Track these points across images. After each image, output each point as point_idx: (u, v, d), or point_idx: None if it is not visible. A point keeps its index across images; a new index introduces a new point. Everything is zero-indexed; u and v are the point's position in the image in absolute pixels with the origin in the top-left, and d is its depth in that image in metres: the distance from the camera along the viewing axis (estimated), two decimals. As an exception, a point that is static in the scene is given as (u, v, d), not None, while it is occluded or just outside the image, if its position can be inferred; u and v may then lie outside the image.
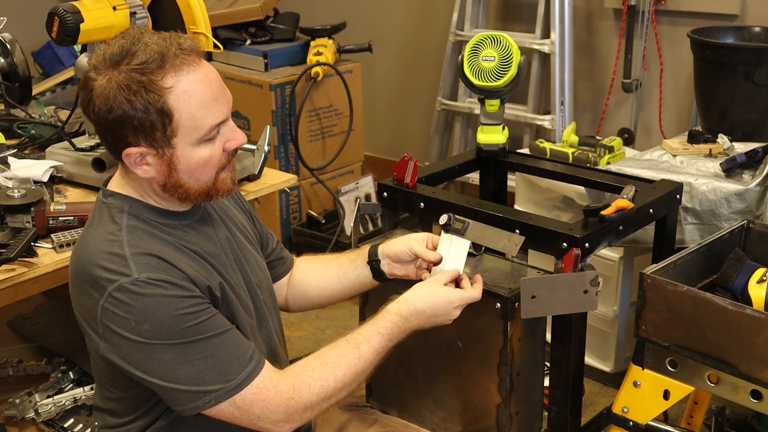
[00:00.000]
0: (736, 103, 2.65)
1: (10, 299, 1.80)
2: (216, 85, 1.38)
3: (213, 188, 1.43)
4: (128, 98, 1.32)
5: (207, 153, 1.39)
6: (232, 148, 1.42)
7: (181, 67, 1.33)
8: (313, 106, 3.46)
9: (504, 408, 1.95)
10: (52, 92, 3.58)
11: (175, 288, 1.35)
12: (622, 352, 2.75)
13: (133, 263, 1.34)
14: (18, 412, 2.35)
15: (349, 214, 3.49)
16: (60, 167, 2.21)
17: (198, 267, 1.42)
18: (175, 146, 1.36)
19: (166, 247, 1.41)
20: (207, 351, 1.37)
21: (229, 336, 1.40)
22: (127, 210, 1.42)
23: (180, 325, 1.35)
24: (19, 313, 2.92)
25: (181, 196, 1.42)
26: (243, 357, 1.40)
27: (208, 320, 1.38)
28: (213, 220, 1.55)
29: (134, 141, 1.35)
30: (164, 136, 1.35)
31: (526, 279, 1.84)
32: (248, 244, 1.62)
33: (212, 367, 1.37)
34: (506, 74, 2.34)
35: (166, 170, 1.38)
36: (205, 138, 1.37)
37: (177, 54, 1.33)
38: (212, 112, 1.37)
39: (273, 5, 3.67)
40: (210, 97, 1.36)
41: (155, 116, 1.33)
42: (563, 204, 2.88)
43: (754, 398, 1.64)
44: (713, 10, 3.14)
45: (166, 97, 1.32)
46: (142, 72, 1.32)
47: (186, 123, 1.34)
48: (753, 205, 2.32)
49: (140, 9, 2.13)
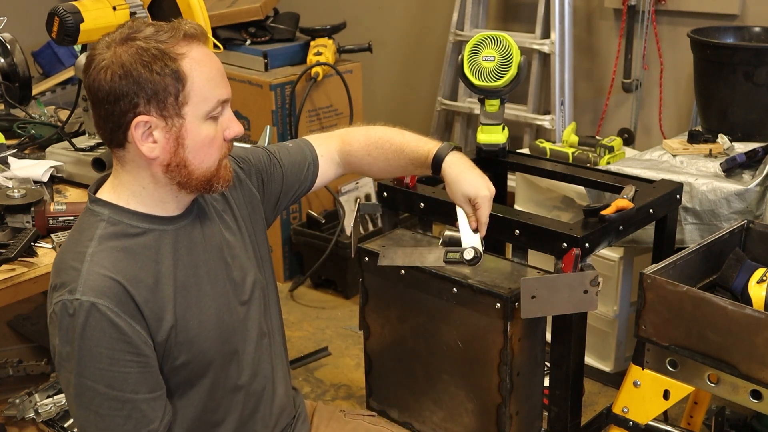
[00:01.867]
0: (736, 103, 2.65)
1: (10, 299, 1.80)
2: (220, 64, 1.41)
3: (215, 175, 1.41)
4: (144, 62, 1.31)
5: (212, 131, 1.38)
6: (230, 136, 1.41)
7: (191, 40, 1.36)
8: (313, 106, 3.46)
9: (504, 408, 1.95)
10: (52, 92, 3.58)
11: (112, 328, 1.31)
12: (622, 352, 2.75)
13: (83, 282, 1.31)
14: (18, 412, 2.35)
15: (349, 214, 3.49)
16: (60, 167, 2.21)
17: (156, 295, 1.38)
18: (185, 117, 1.35)
19: (133, 265, 1.36)
20: (106, 406, 1.33)
21: (136, 403, 1.35)
22: (107, 218, 1.39)
23: (95, 365, 1.31)
24: (19, 313, 2.92)
25: (183, 180, 1.38)
26: (138, 427, 1.36)
27: (126, 376, 1.33)
28: (205, 220, 1.50)
29: (145, 109, 1.33)
30: (176, 103, 1.33)
31: (526, 279, 1.84)
32: (245, 244, 1.58)
33: (101, 424, 1.34)
34: (506, 74, 2.34)
35: (173, 146, 1.35)
36: (211, 113, 1.37)
37: (186, 30, 1.36)
38: (219, 87, 1.38)
39: (273, 5, 3.67)
40: (217, 72, 1.38)
41: (170, 79, 1.32)
42: (563, 204, 2.88)
43: (754, 398, 1.65)
44: (713, 10, 3.14)
45: (180, 62, 1.33)
46: (156, 41, 1.33)
47: (197, 91, 1.34)
48: (753, 205, 2.32)
49: (140, 9, 2.13)
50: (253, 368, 1.56)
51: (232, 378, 1.52)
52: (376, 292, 2.13)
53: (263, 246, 1.66)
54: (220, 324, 1.48)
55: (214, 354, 1.46)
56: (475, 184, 1.65)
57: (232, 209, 1.58)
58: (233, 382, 1.52)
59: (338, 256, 3.40)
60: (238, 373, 1.53)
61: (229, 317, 1.50)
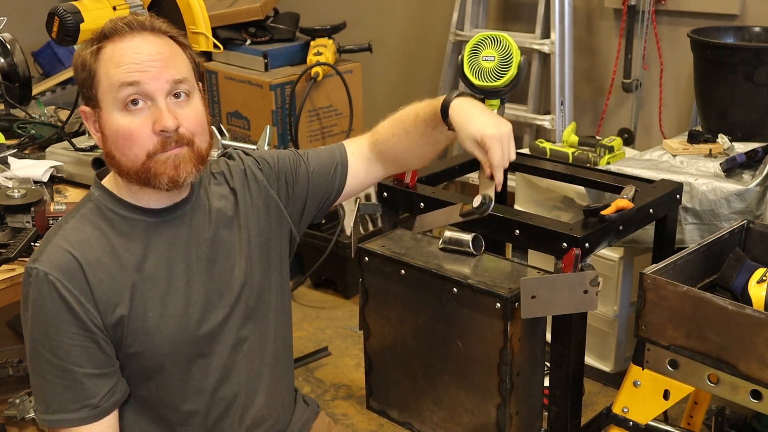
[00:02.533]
0: (736, 103, 2.65)
1: (10, 299, 1.80)
2: (146, 55, 1.38)
3: (146, 170, 1.38)
4: (78, 55, 1.42)
5: (127, 123, 1.37)
6: (156, 130, 1.37)
7: (119, 35, 1.39)
8: (313, 106, 3.46)
9: (504, 408, 1.95)
10: (52, 92, 3.58)
11: (60, 300, 1.36)
12: (622, 352, 2.75)
13: (47, 254, 1.38)
14: (18, 412, 2.35)
15: (349, 214, 3.49)
16: (60, 167, 2.21)
17: (114, 280, 1.40)
18: (102, 107, 1.39)
19: (101, 249, 1.41)
20: (50, 372, 1.39)
21: (77, 375, 1.38)
22: (95, 199, 1.46)
23: (43, 331, 1.38)
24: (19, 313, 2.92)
25: (119, 170, 1.41)
26: (75, 401, 1.39)
27: (69, 347, 1.38)
28: (197, 216, 1.50)
29: (84, 101, 1.43)
30: (92, 93, 1.40)
31: (526, 279, 1.84)
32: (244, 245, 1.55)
33: (46, 390, 1.39)
34: (506, 74, 2.34)
35: (101, 137, 1.42)
36: (121, 100, 1.36)
37: (120, 25, 1.40)
38: (129, 72, 1.37)
39: (273, 5, 3.67)
40: (128, 59, 1.37)
41: (85, 73, 1.40)
42: (563, 204, 2.88)
43: (754, 398, 1.64)
44: (713, 10, 3.14)
45: (94, 56, 1.39)
46: (92, 38, 1.41)
47: (102, 79, 1.38)
48: (753, 205, 2.32)
49: (140, 9, 2.13)
50: (222, 373, 1.52)
51: (195, 379, 1.49)
52: (376, 292, 2.13)
53: (276, 251, 1.61)
54: (185, 322, 1.46)
55: (170, 350, 1.45)
56: (481, 123, 1.48)
57: (238, 208, 1.56)
58: (196, 383, 1.49)
59: (338, 256, 3.40)
60: (203, 375, 1.50)
61: (197, 317, 1.47)
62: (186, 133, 1.40)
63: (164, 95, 1.38)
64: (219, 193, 1.56)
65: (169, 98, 1.39)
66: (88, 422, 1.40)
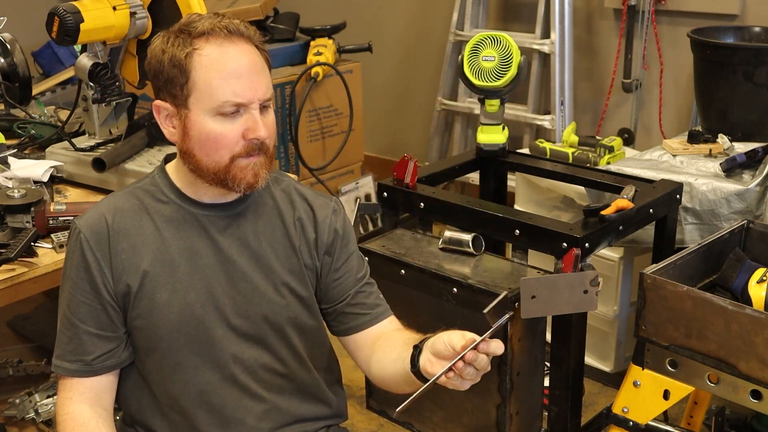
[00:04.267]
0: (736, 103, 2.65)
1: (10, 299, 1.80)
2: (243, 67, 1.40)
3: (226, 172, 1.42)
4: (163, 50, 1.41)
5: (219, 128, 1.40)
6: (248, 137, 1.41)
7: (216, 38, 1.40)
8: (313, 106, 3.46)
9: (504, 408, 1.95)
10: (52, 92, 3.58)
11: (82, 258, 1.44)
12: (622, 352, 2.75)
13: (90, 213, 1.47)
14: (18, 412, 2.35)
15: (349, 214, 3.49)
16: (60, 167, 2.21)
17: (133, 253, 1.45)
18: (191, 108, 1.40)
19: (133, 221, 1.46)
20: (62, 321, 1.48)
21: (79, 331, 1.46)
22: (150, 178, 1.52)
23: (66, 283, 1.47)
24: (19, 313, 2.92)
25: (193, 168, 1.44)
26: (73, 353, 1.46)
27: (79, 303, 1.45)
28: (248, 224, 1.50)
29: (162, 95, 1.44)
30: (182, 94, 1.40)
31: (526, 279, 1.84)
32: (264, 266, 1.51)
33: (59, 336, 1.48)
34: (506, 74, 2.34)
35: (181, 133, 1.43)
36: (218, 111, 1.39)
37: (218, 28, 1.41)
38: (228, 87, 1.38)
39: (273, 5, 3.67)
40: (230, 72, 1.39)
41: (176, 71, 1.39)
42: (563, 204, 2.88)
43: (754, 398, 1.65)
44: (713, 10, 3.14)
45: (190, 56, 1.39)
46: (182, 32, 1.41)
47: (201, 86, 1.39)
48: (753, 205, 2.32)
49: (140, 9, 2.13)
50: (200, 388, 1.48)
51: (185, 374, 1.48)
52: (376, 292, 2.13)
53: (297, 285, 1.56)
54: (188, 318, 1.46)
55: (165, 335, 1.46)
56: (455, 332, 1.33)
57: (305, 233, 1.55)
58: (185, 378, 1.48)
59: (338, 256, 3.40)
60: (192, 374, 1.48)
61: (201, 316, 1.46)
62: (268, 141, 1.44)
63: (258, 106, 1.42)
64: (291, 215, 1.55)
65: (259, 108, 1.43)
66: (77, 375, 1.47)
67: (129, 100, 2.29)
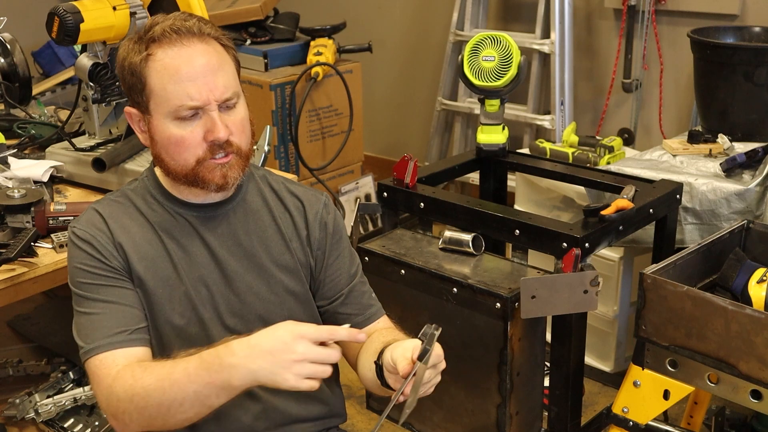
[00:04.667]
0: (736, 103, 2.65)
1: (10, 299, 1.80)
2: (197, 68, 1.39)
3: (194, 174, 1.42)
4: (124, 57, 1.43)
5: (179, 132, 1.40)
6: (208, 139, 1.40)
7: (168, 42, 1.40)
8: (313, 106, 3.46)
9: (504, 408, 1.95)
10: (52, 92, 3.58)
11: (87, 245, 1.44)
12: (622, 352, 2.75)
13: (83, 216, 1.48)
14: (18, 412, 2.35)
15: (349, 214, 3.49)
16: (60, 167, 2.21)
17: (134, 249, 1.45)
18: (152, 114, 1.42)
19: (130, 220, 1.47)
20: (88, 308, 1.44)
21: (108, 308, 1.43)
22: (142, 180, 1.53)
23: (75, 277, 1.45)
24: (19, 313, 2.92)
25: (166, 171, 1.45)
26: (107, 330, 1.41)
27: (100, 286, 1.43)
28: (232, 224, 1.50)
29: (130, 102, 1.47)
30: (142, 100, 1.42)
31: (526, 279, 1.84)
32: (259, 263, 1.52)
33: (86, 325, 1.44)
34: (506, 74, 2.34)
35: (150, 139, 1.45)
36: (176, 115, 1.39)
37: (170, 31, 1.40)
38: (182, 90, 1.38)
39: (273, 5, 3.67)
40: (183, 76, 1.38)
41: (134, 78, 1.41)
42: (563, 204, 2.88)
43: (754, 398, 1.65)
44: (713, 10, 3.14)
45: (144, 62, 1.40)
46: (140, 39, 1.42)
47: (157, 92, 1.40)
48: (753, 205, 2.32)
49: (140, 9, 2.13)
50: None
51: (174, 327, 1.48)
52: (376, 292, 2.12)
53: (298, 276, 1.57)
54: (189, 316, 1.47)
55: (166, 332, 1.46)
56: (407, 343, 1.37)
57: (297, 229, 1.55)
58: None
59: (338, 256, 3.40)
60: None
61: (201, 317, 1.47)
62: (234, 140, 1.43)
63: (216, 107, 1.41)
64: (282, 212, 1.55)
65: (221, 108, 1.42)
66: (123, 346, 1.40)
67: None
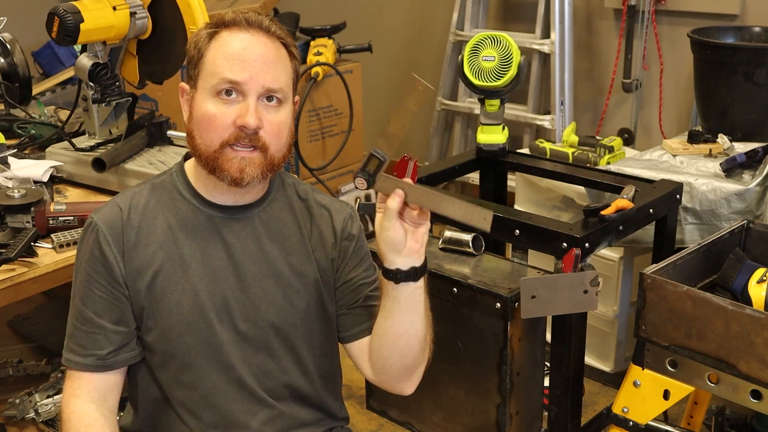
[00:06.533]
0: (736, 103, 2.65)
1: (10, 299, 1.80)
2: (254, 54, 1.41)
3: (214, 159, 1.41)
4: (196, 34, 1.46)
5: (213, 110, 1.40)
6: (238, 124, 1.39)
7: (239, 28, 1.42)
8: (313, 106, 3.46)
9: (504, 408, 1.95)
10: (52, 92, 3.58)
11: (99, 251, 1.44)
12: (622, 352, 2.75)
13: (104, 208, 1.48)
14: (18, 412, 2.35)
15: (349, 214, 3.49)
16: (60, 167, 2.21)
17: (144, 256, 1.45)
18: (197, 88, 1.43)
19: (149, 218, 1.47)
20: (74, 315, 1.47)
21: (91, 322, 1.45)
22: (170, 174, 1.53)
23: (79, 276, 1.47)
24: (19, 313, 2.92)
25: (193, 150, 1.45)
26: (82, 348, 1.46)
27: (95, 297, 1.45)
28: (241, 226, 1.49)
29: (186, 77, 1.48)
30: (194, 73, 1.44)
31: (526, 279, 1.84)
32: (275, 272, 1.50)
33: (70, 324, 1.48)
34: (506, 74, 2.34)
35: (189, 114, 1.46)
36: (216, 89, 1.40)
37: (241, 19, 1.43)
38: (228, 65, 1.40)
39: (273, 5, 3.67)
40: (235, 54, 1.40)
41: (196, 51, 1.44)
42: (563, 204, 2.88)
43: (754, 398, 1.64)
44: (713, 10, 3.14)
45: (209, 39, 1.43)
46: (215, 24, 1.45)
47: (207, 65, 1.42)
48: (753, 205, 2.32)
49: (140, 9, 2.13)
50: (206, 389, 1.48)
51: (195, 374, 1.48)
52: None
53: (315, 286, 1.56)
54: (197, 319, 1.46)
55: (174, 336, 1.46)
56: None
57: (322, 239, 1.54)
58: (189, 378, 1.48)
59: (338, 256, 3.39)
60: (199, 376, 1.48)
61: (211, 321, 1.46)
62: (264, 136, 1.41)
63: (256, 95, 1.40)
64: (308, 221, 1.54)
65: (261, 99, 1.41)
66: (90, 370, 1.46)
67: (129, 100, 2.29)
